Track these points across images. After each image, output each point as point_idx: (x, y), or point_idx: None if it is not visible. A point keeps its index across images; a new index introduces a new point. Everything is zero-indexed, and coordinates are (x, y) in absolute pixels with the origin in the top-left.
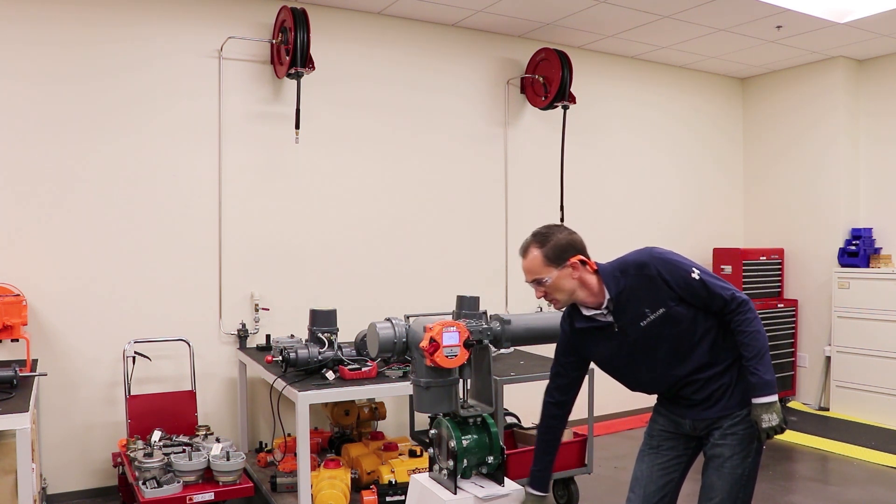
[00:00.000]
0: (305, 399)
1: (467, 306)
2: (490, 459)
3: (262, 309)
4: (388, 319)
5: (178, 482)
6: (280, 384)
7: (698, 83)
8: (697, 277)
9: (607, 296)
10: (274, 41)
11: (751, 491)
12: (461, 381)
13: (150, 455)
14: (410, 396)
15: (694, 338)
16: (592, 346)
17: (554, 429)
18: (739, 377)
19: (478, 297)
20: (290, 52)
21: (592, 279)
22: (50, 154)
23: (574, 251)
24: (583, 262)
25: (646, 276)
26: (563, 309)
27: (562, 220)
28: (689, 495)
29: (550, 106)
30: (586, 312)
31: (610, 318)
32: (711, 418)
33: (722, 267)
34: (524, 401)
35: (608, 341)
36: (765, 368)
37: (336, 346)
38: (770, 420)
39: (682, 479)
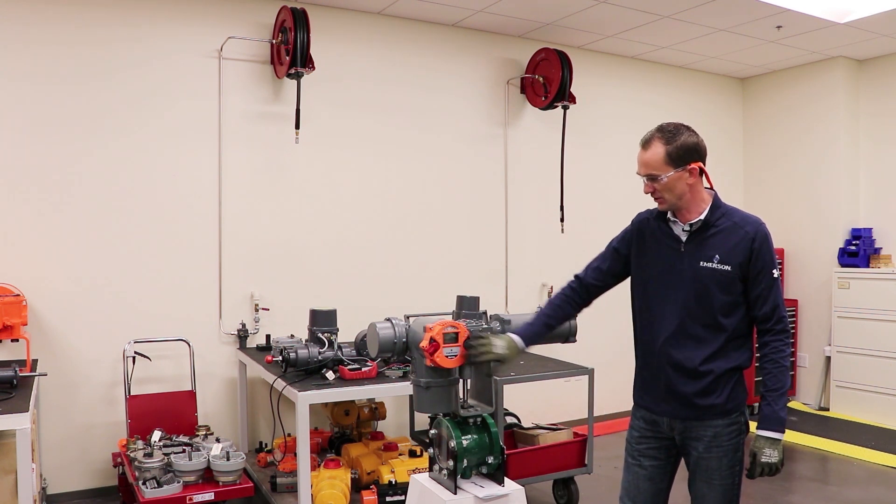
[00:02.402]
0: (305, 399)
1: (467, 306)
2: (490, 459)
3: (262, 309)
4: (388, 319)
5: (178, 482)
6: (280, 384)
7: (698, 83)
8: (775, 275)
9: (702, 217)
10: (274, 41)
11: (738, 493)
12: (461, 381)
13: (150, 455)
14: (410, 396)
15: (725, 316)
16: (647, 252)
17: (564, 299)
18: (731, 392)
19: (478, 297)
20: (290, 52)
21: (702, 193)
22: (50, 154)
23: (697, 156)
24: (701, 171)
25: (743, 231)
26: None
27: (562, 219)
28: (689, 495)
29: (550, 106)
30: (671, 218)
31: (685, 237)
32: (687, 418)
33: None
34: (524, 401)
35: (665, 257)
36: (782, 405)
37: (336, 346)
38: (771, 456)
39: (670, 485)
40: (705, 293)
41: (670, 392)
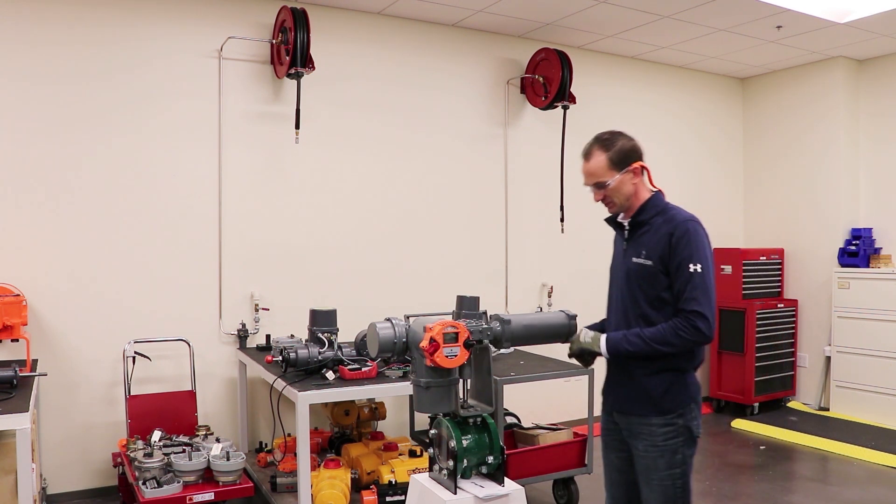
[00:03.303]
0: (305, 399)
1: (467, 306)
2: (490, 459)
3: (262, 309)
4: (388, 319)
5: (178, 482)
6: (280, 384)
7: (698, 83)
8: (692, 269)
9: (635, 214)
10: (274, 41)
11: (683, 499)
12: (461, 381)
13: (150, 455)
14: (410, 396)
15: (655, 310)
16: (614, 248)
17: None
18: (667, 391)
19: (478, 297)
20: (290, 52)
21: (644, 191)
22: (50, 154)
23: (636, 157)
24: (643, 169)
25: (668, 227)
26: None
27: (562, 219)
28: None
29: (550, 106)
30: (621, 218)
31: (627, 234)
32: (624, 412)
33: (722, 267)
34: (524, 401)
35: (617, 254)
36: (631, 344)
37: (336, 346)
38: (578, 345)
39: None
40: (636, 287)
41: (612, 385)
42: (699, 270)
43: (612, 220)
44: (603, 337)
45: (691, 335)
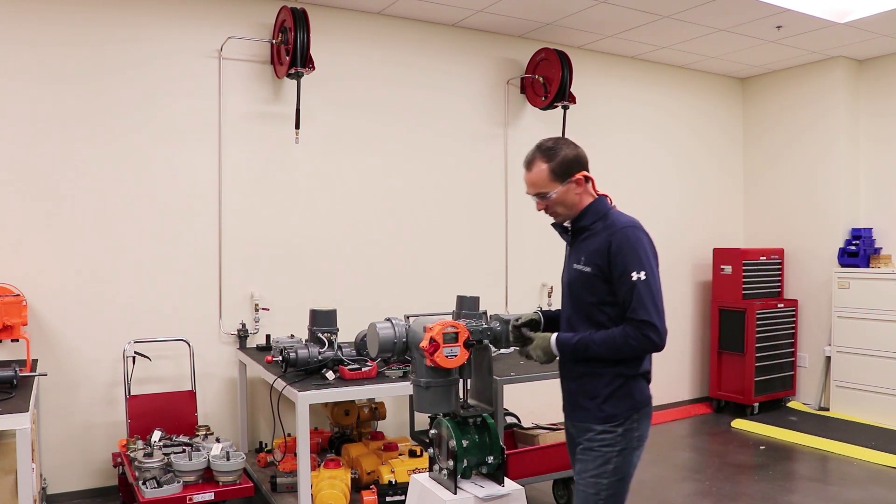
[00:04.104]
0: (305, 399)
1: (467, 306)
2: (490, 459)
3: (262, 309)
4: (388, 319)
5: (178, 482)
6: (280, 384)
7: (698, 83)
8: (634, 278)
9: (575, 220)
10: (274, 41)
11: None
12: (461, 381)
13: (150, 455)
14: (410, 396)
15: (596, 315)
16: (565, 250)
17: None
18: (609, 398)
19: (478, 297)
20: (290, 52)
21: (587, 199)
22: (50, 154)
23: (579, 167)
24: (587, 179)
25: (606, 234)
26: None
27: None
28: (690, 495)
29: (550, 106)
30: (567, 223)
31: (571, 240)
32: (570, 416)
33: (722, 267)
34: (524, 401)
35: (565, 260)
36: (579, 345)
37: (336, 346)
38: (535, 352)
39: None
40: (576, 293)
41: (563, 391)
42: (643, 278)
43: (558, 225)
44: (552, 340)
45: (642, 344)
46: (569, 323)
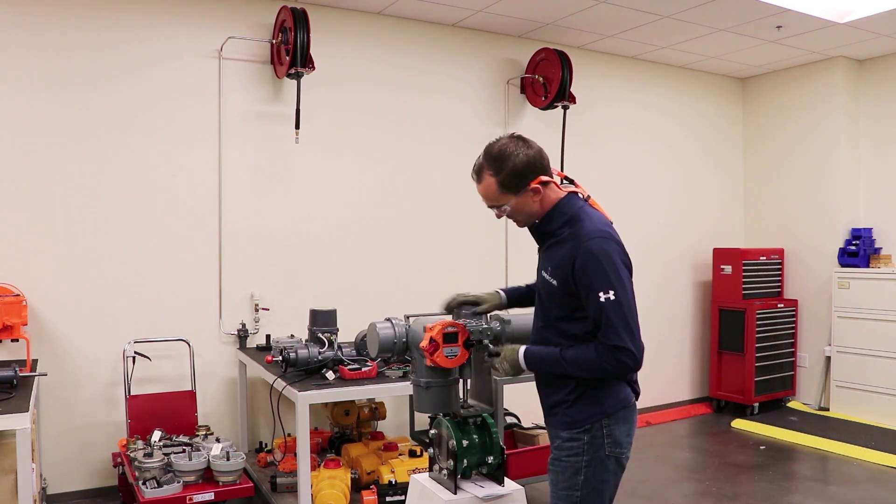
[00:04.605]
0: (305, 399)
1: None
2: (490, 459)
3: (262, 309)
4: (388, 319)
5: (178, 482)
6: (280, 384)
7: (698, 83)
8: (602, 299)
9: (538, 223)
10: (274, 41)
11: None
12: (461, 381)
13: (150, 455)
14: (410, 396)
15: (565, 323)
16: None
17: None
18: (574, 404)
19: None
20: (290, 52)
21: (551, 200)
22: (49, 154)
23: (533, 173)
24: (544, 184)
25: (569, 247)
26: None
27: None
28: (690, 495)
29: (550, 106)
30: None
31: (539, 244)
32: (545, 421)
33: (722, 267)
34: (524, 401)
35: (539, 259)
36: (546, 360)
37: (336, 346)
38: (502, 366)
39: None
40: (545, 302)
41: (538, 391)
42: (612, 298)
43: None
44: (520, 353)
45: (615, 369)
46: (539, 332)
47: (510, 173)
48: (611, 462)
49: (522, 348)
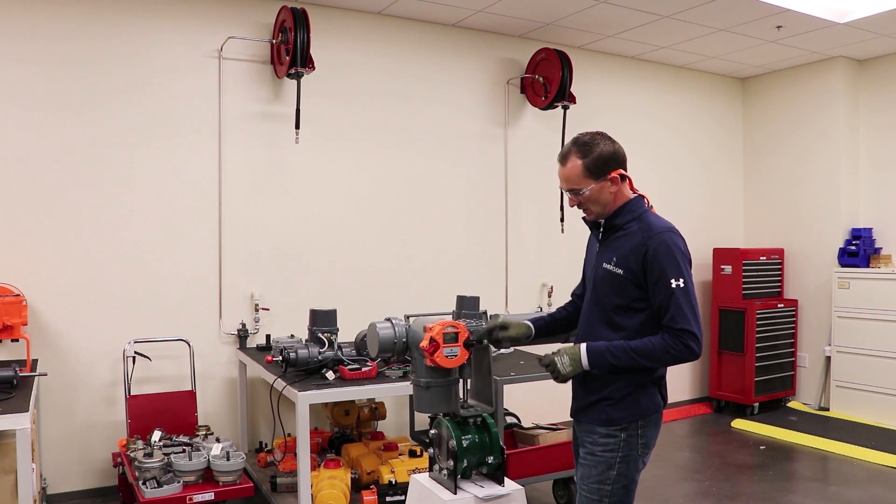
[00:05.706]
0: (305, 399)
1: (467, 306)
2: (490, 459)
3: (262, 309)
4: (388, 319)
5: (178, 482)
6: (280, 384)
7: (698, 83)
8: (673, 285)
9: (609, 219)
10: (274, 41)
11: None
12: (461, 381)
13: (150, 455)
14: (410, 396)
15: (620, 317)
16: (588, 252)
17: (562, 310)
18: (620, 402)
19: (478, 297)
20: (290, 52)
21: (623, 197)
22: (49, 154)
23: (616, 164)
24: (623, 177)
25: (640, 237)
26: None
27: (562, 219)
28: (690, 495)
29: (550, 106)
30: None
31: (601, 238)
32: (577, 418)
33: (722, 267)
34: (524, 401)
35: (592, 257)
36: (615, 357)
37: (336, 346)
38: (562, 365)
39: None
40: (603, 293)
41: (573, 391)
42: (681, 286)
43: (590, 221)
44: (583, 349)
45: (682, 354)
46: (588, 325)
47: (596, 158)
48: (640, 462)
49: (584, 345)
